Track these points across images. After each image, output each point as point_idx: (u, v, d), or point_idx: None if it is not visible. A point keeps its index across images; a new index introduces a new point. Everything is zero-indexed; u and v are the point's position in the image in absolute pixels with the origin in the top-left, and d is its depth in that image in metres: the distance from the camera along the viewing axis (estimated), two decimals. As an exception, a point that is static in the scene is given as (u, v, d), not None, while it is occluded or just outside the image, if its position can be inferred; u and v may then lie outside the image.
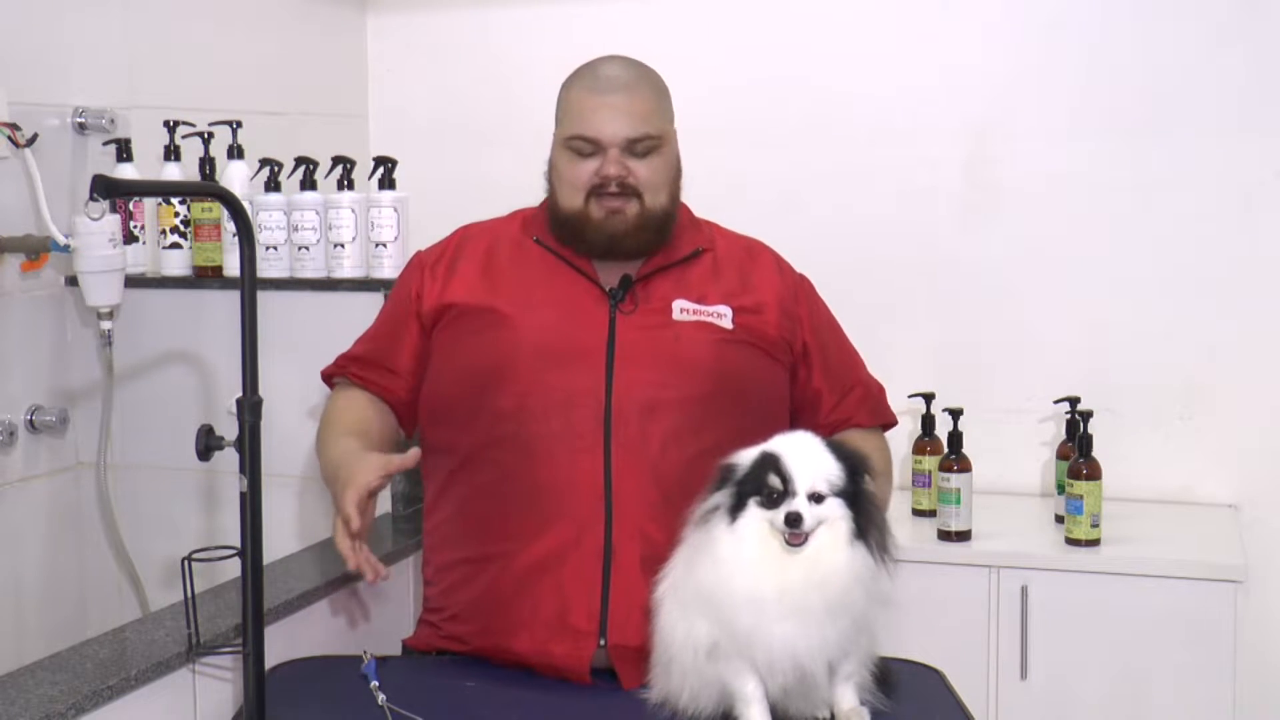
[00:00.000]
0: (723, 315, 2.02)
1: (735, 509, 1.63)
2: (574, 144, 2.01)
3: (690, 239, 2.10)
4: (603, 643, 1.87)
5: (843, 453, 1.66)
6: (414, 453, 1.94)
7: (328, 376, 2.20)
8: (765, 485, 1.61)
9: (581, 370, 1.94)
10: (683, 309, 2.02)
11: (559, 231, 2.05)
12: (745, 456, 1.66)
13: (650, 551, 1.83)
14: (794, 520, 1.59)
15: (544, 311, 1.99)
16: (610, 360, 1.95)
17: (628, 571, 1.87)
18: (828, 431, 1.97)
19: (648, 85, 2.04)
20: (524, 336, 1.97)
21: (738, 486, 1.63)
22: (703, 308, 2.02)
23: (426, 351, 2.08)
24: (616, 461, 1.90)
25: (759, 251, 2.16)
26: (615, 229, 2.00)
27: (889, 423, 2.20)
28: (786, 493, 1.61)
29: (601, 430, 1.91)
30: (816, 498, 1.61)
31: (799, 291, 2.13)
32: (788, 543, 1.60)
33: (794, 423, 2.06)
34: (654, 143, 2.01)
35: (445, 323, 2.05)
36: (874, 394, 2.17)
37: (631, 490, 1.89)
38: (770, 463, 1.62)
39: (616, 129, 1.98)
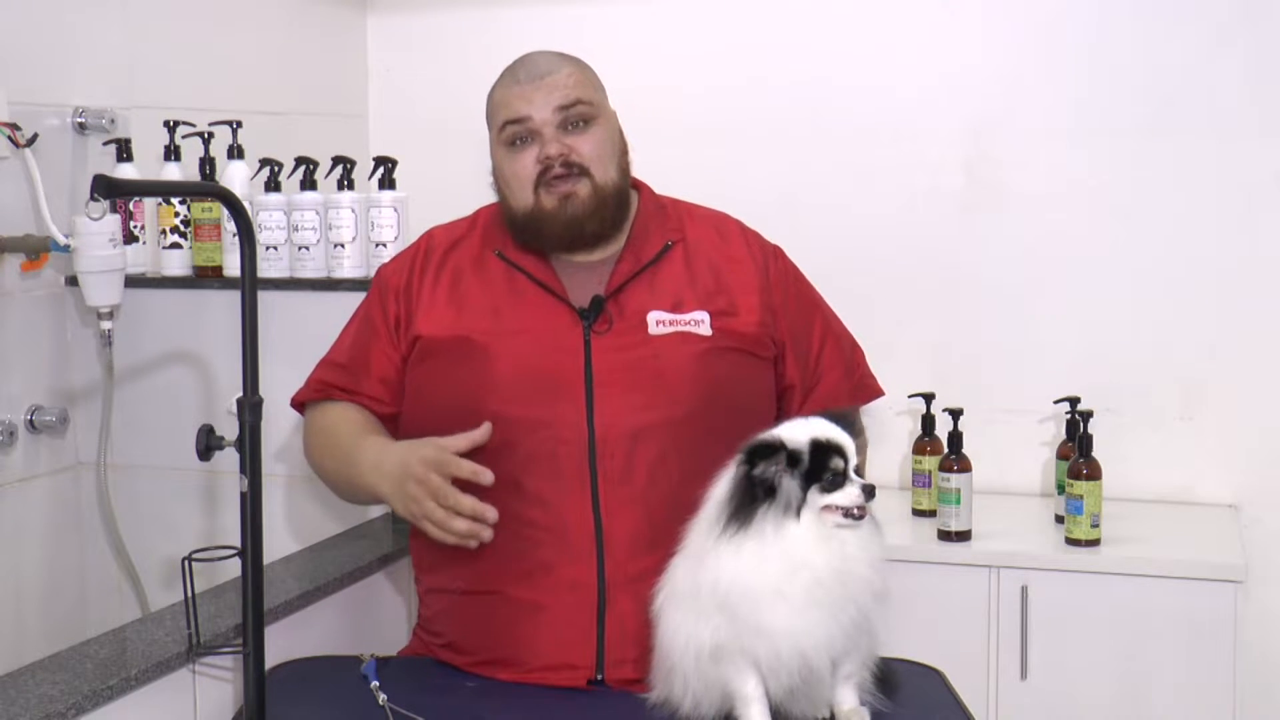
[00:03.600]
0: (700, 322, 1.95)
1: (801, 501, 1.61)
2: (507, 133, 1.96)
3: (657, 231, 2.03)
4: (599, 677, 1.84)
5: (853, 427, 1.67)
6: (486, 427, 1.84)
7: (300, 403, 2.12)
8: (827, 469, 1.61)
9: (561, 402, 1.88)
10: (658, 321, 1.95)
11: (518, 235, 1.99)
12: (798, 440, 1.62)
13: (643, 585, 1.78)
14: (872, 493, 1.61)
15: (517, 340, 1.93)
16: (589, 389, 1.89)
17: (622, 607, 1.83)
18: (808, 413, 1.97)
19: (569, 63, 2.00)
20: (499, 371, 1.91)
21: (805, 479, 1.61)
22: (679, 317, 1.95)
23: (401, 379, 2.02)
24: (604, 496, 1.86)
25: (727, 229, 2.08)
26: (572, 214, 1.94)
27: (872, 395, 2.14)
28: (846, 473, 1.61)
29: (587, 464, 1.86)
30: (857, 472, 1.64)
31: (772, 272, 2.05)
32: (856, 518, 1.61)
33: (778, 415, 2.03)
34: (587, 109, 1.96)
35: (418, 354, 1.99)
36: (853, 374, 2.10)
37: (621, 525, 1.85)
38: (831, 448, 1.62)
39: (545, 102, 1.94)
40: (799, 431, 1.63)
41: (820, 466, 1.61)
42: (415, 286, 2.02)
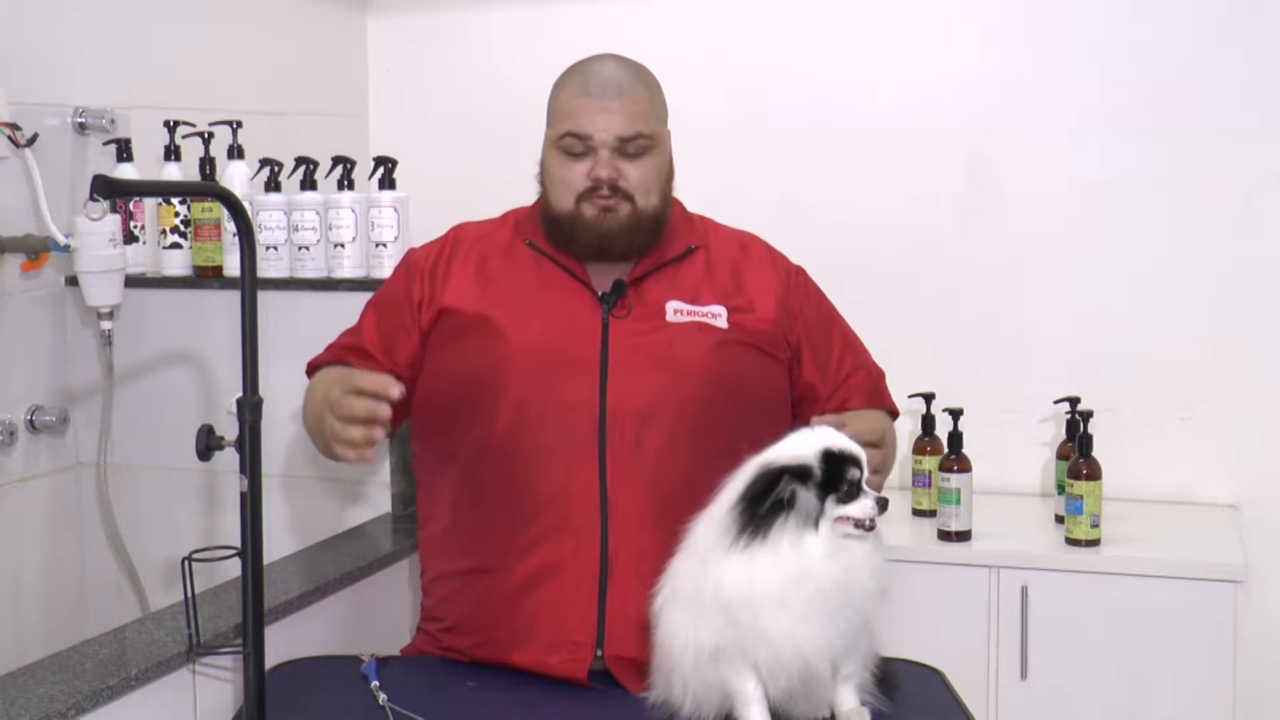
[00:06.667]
0: (717, 315, 2.00)
1: (819, 512, 1.60)
2: (565, 142, 1.98)
3: (683, 237, 2.07)
4: (600, 653, 1.86)
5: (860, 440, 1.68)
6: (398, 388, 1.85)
7: (316, 365, 2.14)
8: (844, 480, 1.61)
9: (575, 379, 1.92)
10: (676, 310, 1.99)
11: (551, 233, 2.03)
12: (804, 455, 1.62)
13: (646, 563, 1.79)
14: (885, 506, 1.61)
15: (537, 320, 1.97)
16: (604, 368, 1.92)
17: (624, 583, 1.85)
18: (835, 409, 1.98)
19: (641, 85, 2.01)
20: (516, 347, 1.94)
21: (820, 489, 1.60)
22: (697, 308, 2.00)
23: (422, 359, 2.06)
24: (611, 472, 1.88)
25: (751, 245, 2.13)
26: (607, 228, 1.97)
27: (889, 411, 2.15)
28: (860, 484, 1.62)
29: (596, 440, 1.89)
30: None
31: (792, 282, 2.10)
32: (866, 530, 1.61)
33: (795, 418, 2.05)
34: (646, 143, 1.98)
35: (439, 329, 2.03)
36: (873, 379, 2.13)
37: (627, 501, 1.88)
38: (846, 458, 1.62)
39: (609, 128, 1.96)
40: (805, 445, 1.63)
41: (836, 477, 1.61)
42: (443, 270, 2.06)
